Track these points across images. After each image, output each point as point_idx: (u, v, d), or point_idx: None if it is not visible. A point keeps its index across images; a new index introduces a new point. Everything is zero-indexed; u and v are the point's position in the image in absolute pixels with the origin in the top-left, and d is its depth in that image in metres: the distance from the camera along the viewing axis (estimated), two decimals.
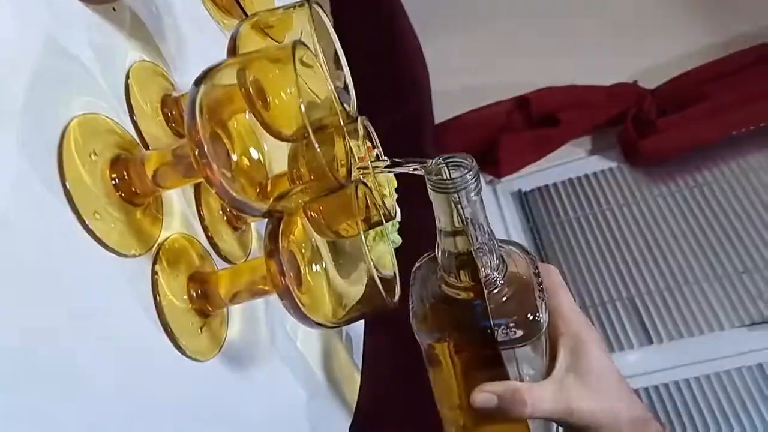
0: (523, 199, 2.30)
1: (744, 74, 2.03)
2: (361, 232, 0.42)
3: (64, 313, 0.33)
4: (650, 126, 2.05)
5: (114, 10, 0.44)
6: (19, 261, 0.31)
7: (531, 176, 2.31)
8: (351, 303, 0.48)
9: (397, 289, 0.47)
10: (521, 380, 0.57)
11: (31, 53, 0.35)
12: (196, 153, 0.35)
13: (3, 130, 0.32)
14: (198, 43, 0.56)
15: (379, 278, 0.44)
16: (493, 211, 2.28)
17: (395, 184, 0.84)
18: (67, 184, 0.35)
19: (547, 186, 2.28)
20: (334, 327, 0.47)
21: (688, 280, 1.92)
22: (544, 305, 0.55)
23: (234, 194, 0.35)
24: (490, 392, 0.55)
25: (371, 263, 0.41)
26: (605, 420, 0.56)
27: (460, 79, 2.38)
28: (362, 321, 0.84)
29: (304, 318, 0.41)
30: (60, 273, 0.33)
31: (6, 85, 0.33)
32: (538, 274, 0.56)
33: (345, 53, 0.55)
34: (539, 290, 0.56)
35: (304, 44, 0.38)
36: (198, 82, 0.37)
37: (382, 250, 0.75)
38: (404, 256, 0.70)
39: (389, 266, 0.77)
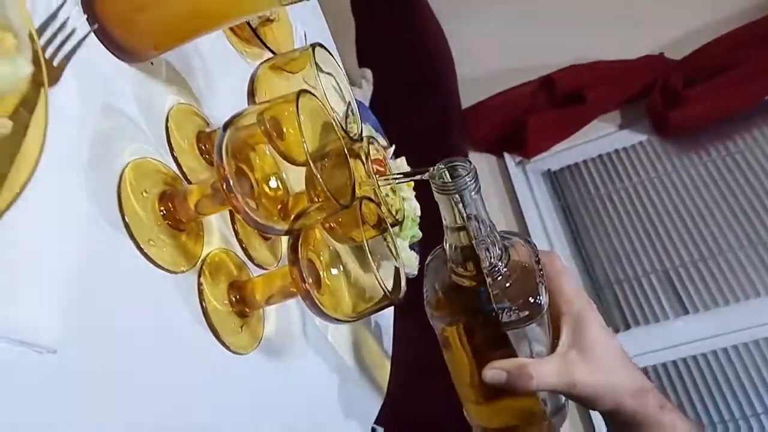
0: (553, 178, 2.32)
1: None
2: (365, 241, 0.49)
3: (132, 320, 0.41)
4: (678, 97, 2.04)
5: (152, 64, 0.52)
6: (94, 281, 0.39)
7: (560, 155, 2.33)
8: (377, 296, 0.55)
9: (403, 285, 0.54)
10: (528, 357, 0.63)
11: (91, 117, 0.43)
12: (224, 187, 0.43)
13: (73, 180, 0.41)
14: (224, 75, 0.64)
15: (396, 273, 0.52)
16: (523, 192, 2.31)
17: (412, 184, 0.91)
18: (126, 218, 0.43)
19: (576, 164, 2.29)
20: (354, 320, 0.55)
21: (722, 249, 1.92)
22: (544, 288, 0.61)
23: (257, 219, 0.43)
24: (498, 368, 0.61)
25: (373, 267, 0.48)
26: (605, 391, 0.62)
27: (484, 63, 2.41)
28: (392, 308, 0.91)
29: (324, 316, 0.49)
30: (125, 290, 0.42)
31: (74, 144, 0.41)
32: (538, 261, 0.63)
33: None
34: (540, 275, 0.62)
35: (307, 91, 0.46)
36: (225, 128, 0.45)
37: (400, 247, 0.83)
38: (427, 248, 0.77)
39: (408, 263, 0.85)
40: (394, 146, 0.98)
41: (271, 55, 0.73)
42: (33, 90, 0.33)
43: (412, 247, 0.90)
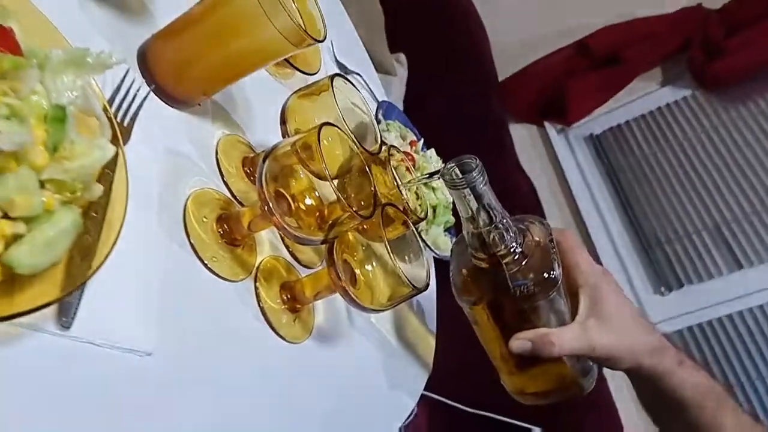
0: (596, 142, 2.32)
1: None
2: (387, 241, 0.57)
3: (205, 323, 0.51)
4: (719, 48, 1.99)
5: (199, 105, 0.62)
6: (173, 295, 0.49)
7: (602, 118, 2.32)
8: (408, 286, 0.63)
9: (430, 274, 0.62)
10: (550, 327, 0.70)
11: (156, 161, 0.53)
12: (266, 209, 0.52)
13: (149, 215, 0.50)
14: (261, 100, 0.73)
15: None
16: (567, 159, 2.32)
17: None
18: (191, 241, 0.53)
19: (619, 125, 2.28)
20: (389, 308, 0.63)
21: None
22: (558, 264, 0.68)
23: (295, 234, 0.52)
24: (523, 339, 0.68)
25: (395, 264, 0.56)
26: (623, 351, 0.68)
27: (517, 32, 2.41)
28: (434, 288, 0.99)
29: (361, 308, 0.58)
30: (197, 299, 0.52)
31: (147, 186, 0.51)
32: (552, 240, 0.69)
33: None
34: (553, 252, 0.68)
35: (328, 123, 0.54)
36: (264, 159, 0.54)
37: (435, 232, 0.90)
38: (460, 231, 0.85)
39: (444, 246, 0.92)
40: (423, 139, 1.05)
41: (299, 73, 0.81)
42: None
43: (446, 231, 0.98)
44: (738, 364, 1.82)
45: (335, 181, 0.60)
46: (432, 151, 1.05)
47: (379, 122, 0.96)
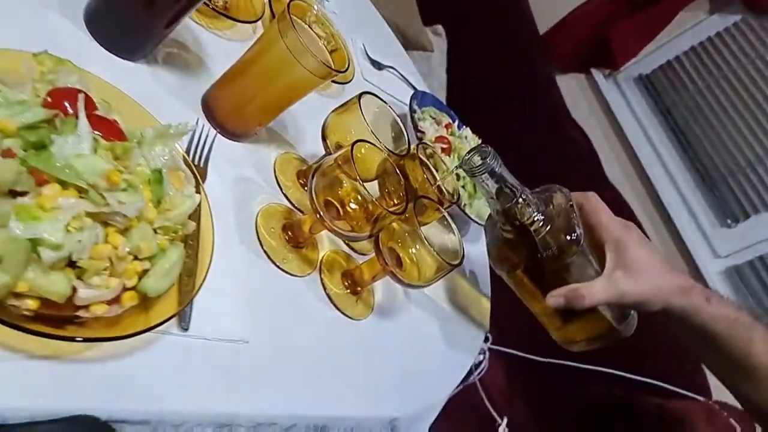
0: (646, 82, 2.30)
1: None
2: (419, 227, 0.68)
3: (285, 313, 0.65)
4: None
5: (256, 134, 0.74)
6: (257, 293, 0.63)
7: (649, 57, 2.29)
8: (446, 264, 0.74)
9: (462, 252, 0.72)
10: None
11: (228, 189, 0.66)
12: (318, 216, 0.64)
13: (229, 234, 0.64)
14: (305, 117, 0.84)
15: None
16: (618, 104, 2.31)
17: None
18: (264, 249, 0.66)
19: (669, 62, 2.24)
20: (434, 283, 0.74)
21: None
22: (579, 226, 0.76)
23: (345, 234, 0.64)
24: (557, 295, 0.77)
25: (429, 247, 0.67)
26: (651, 295, 0.76)
27: None
28: (485, 254, 1.09)
29: (409, 286, 0.70)
30: (276, 295, 0.65)
31: (224, 210, 0.64)
32: (572, 205, 0.77)
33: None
34: (574, 216, 0.77)
35: (361, 140, 0.65)
36: (312, 175, 0.65)
37: (478, 205, 1.00)
38: None
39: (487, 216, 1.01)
40: (456, 121, 1.14)
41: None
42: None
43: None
44: None
45: (375, 182, 0.72)
46: (467, 130, 1.13)
47: (414, 112, 1.05)
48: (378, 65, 1.18)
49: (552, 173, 2.39)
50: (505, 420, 1.42)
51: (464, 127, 1.15)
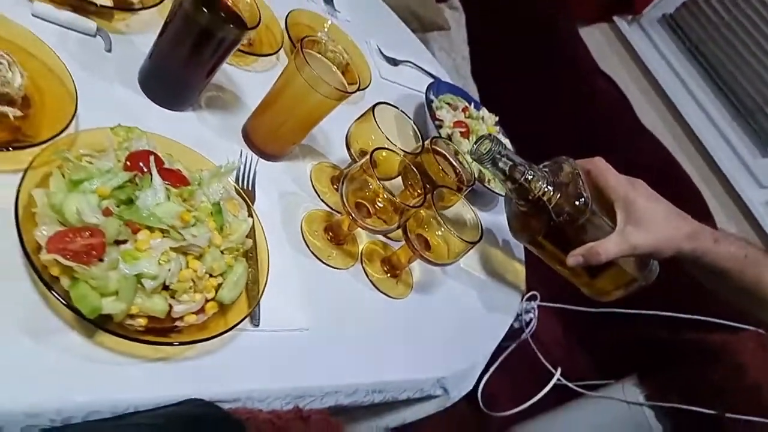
0: (671, 22, 2.27)
1: None
2: (436, 212, 0.78)
3: (336, 301, 0.77)
4: None
5: (290, 152, 0.86)
6: (311, 287, 0.75)
7: None
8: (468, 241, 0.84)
9: (480, 230, 0.83)
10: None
11: (275, 204, 0.78)
12: (351, 217, 0.75)
13: (279, 241, 0.76)
14: (333, 127, 0.95)
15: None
16: (645, 48, 2.30)
17: (493, 129, 1.16)
18: (311, 250, 0.79)
19: None
20: (459, 259, 0.84)
21: None
22: (585, 190, 0.84)
23: (376, 230, 0.75)
24: (574, 255, 0.86)
25: (449, 228, 0.77)
26: (661, 244, 0.84)
27: None
28: None
29: (438, 265, 0.81)
30: (327, 287, 0.77)
31: (273, 223, 0.77)
32: (577, 172, 0.85)
33: None
34: (581, 182, 0.85)
35: (379, 148, 0.75)
36: (342, 181, 0.77)
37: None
38: None
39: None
40: (473, 103, 1.22)
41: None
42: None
43: None
44: None
45: (399, 178, 0.83)
46: (483, 111, 1.22)
47: (431, 102, 1.14)
48: (394, 62, 1.27)
49: (587, 127, 2.44)
50: (559, 370, 1.51)
51: (481, 107, 1.23)
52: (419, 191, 0.83)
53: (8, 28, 0.62)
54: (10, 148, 0.54)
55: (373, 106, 0.82)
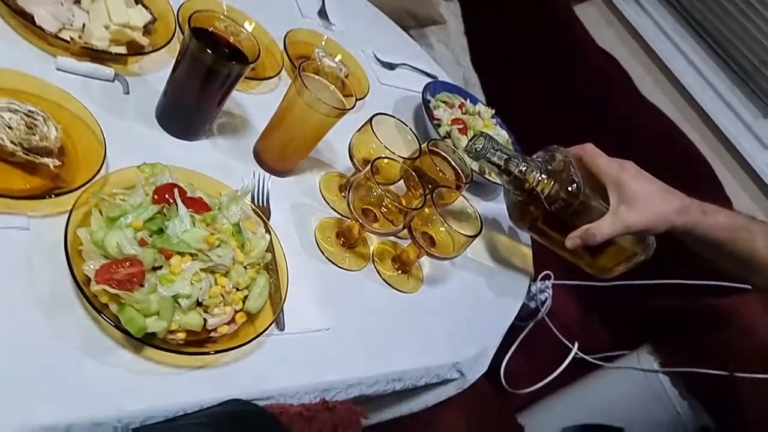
0: None
1: None
2: (436, 209, 0.85)
3: (352, 301, 0.84)
4: None
5: (299, 166, 0.93)
6: (328, 290, 0.82)
7: None
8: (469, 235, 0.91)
9: (478, 223, 0.89)
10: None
11: (287, 216, 0.85)
12: (358, 223, 0.82)
13: (295, 251, 0.83)
14: (337, 138, 1.02)
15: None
16: (641, 21, 2.32)
17: (489, 124, 1.21)
18: (326, 255, 0.86)
19: None
20: (463, 252, 0.91)
21: None
22: (577, 175, 0.90)
23: (383, 233, 0.82)
24: (572, 237, 0.92)
25: (448, 225, 0.84)
26: (654, 220, 0.89)
27: None
28: None
29: (443, 259, 0.87)
30: (343, 288, 0.84)
31: (289, 235, 0.84)
32: (568, 159, 0.91)
33: None
34: (572, 168, 0.90)
35: (379, 157, 0.82)
36: (348, 190, 0.83)
37: None
38: None
39: None
40: (468, 98, 1.27)
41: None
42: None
43: None
44: None
45: (401, 182, 0.90)
46: (480, 105, 1.27)
47: (428, 102, 1.20)
48: (391, 66, 1.33)
49: (589, 104, 2.47)
50: (576, 345, 1.57)
51: (478, 102, 1.29)
52: (420, 192, 0.89)
53: (37, 85, 0.70)
54: (53, 195, 0.62)
55: (371, 118, 0.88)
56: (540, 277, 1.75)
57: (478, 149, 0.87)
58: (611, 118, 2.13)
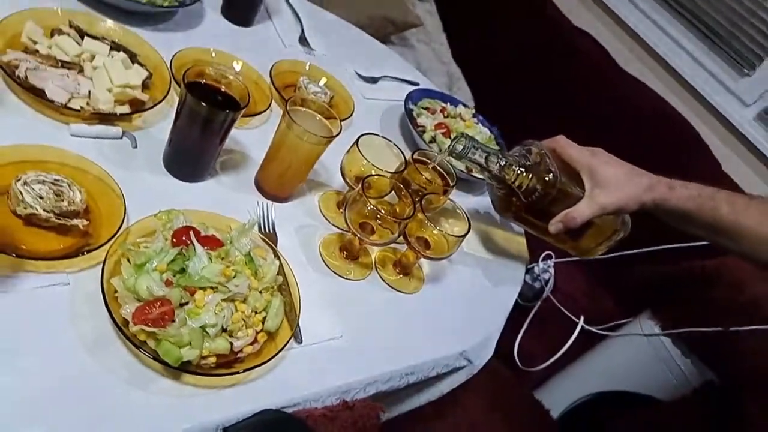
0: None
1: None
2: (424, 214, 0.93)
3: (361, 308, 0.92)
4: None
5: (298, 190, 1.01)
6: (338, 300, 0.90)
7: None
8: (459, 235, 0.99)
9: (468, 224, 0.97)
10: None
11: (292, 238, 0.94)
12: (356, 236, 0.90)
13: (303, 268, 0.92)
14: (330, 160, 1.10)
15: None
16: (626, 8, 2.37)
17: (471, 124, 1.29)
18: (332, 269, 0.94)
19: None
20: (455, 250, 0.98)
21: None
22: (552, 166, 0.97)
23: (380, 243, 0.90)
24: (554, 222, 1.00)
25: (432, 226, 0.92)
26: (626, 199, 0.96)
27: None
28: None
29: (438, 259, 0.95)
30: (350, 297, 0.93)
31: (295, 254, 0.92)
32: (544, 152, 0.99)
33: None
34: (547, 159, 0.98)
35: (369, 175, 0.90)
36: (344, 207, 0.91)
37: None
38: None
39: None
40: (448, 102, 1.35)
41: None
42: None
43: None
44: None
45: (392, 193, 0.98)
46: (461, 107, 1.35)
47: (411, 110, 1.28)
48: (373, 80, 1.41)
49: (572, 85, 2.54)
50: (582, 318, 1.65)
51: (458, 104, 1.36)
52: (411, 201, 0.97)
53: (58, 154, 0.78)
54: (86, 252, 0.71)
55: (357, 139, 0.96)
56: (542, 257, 1.84)
57: (459, 150, 0.95)
58: (596, 96, 2.20)
